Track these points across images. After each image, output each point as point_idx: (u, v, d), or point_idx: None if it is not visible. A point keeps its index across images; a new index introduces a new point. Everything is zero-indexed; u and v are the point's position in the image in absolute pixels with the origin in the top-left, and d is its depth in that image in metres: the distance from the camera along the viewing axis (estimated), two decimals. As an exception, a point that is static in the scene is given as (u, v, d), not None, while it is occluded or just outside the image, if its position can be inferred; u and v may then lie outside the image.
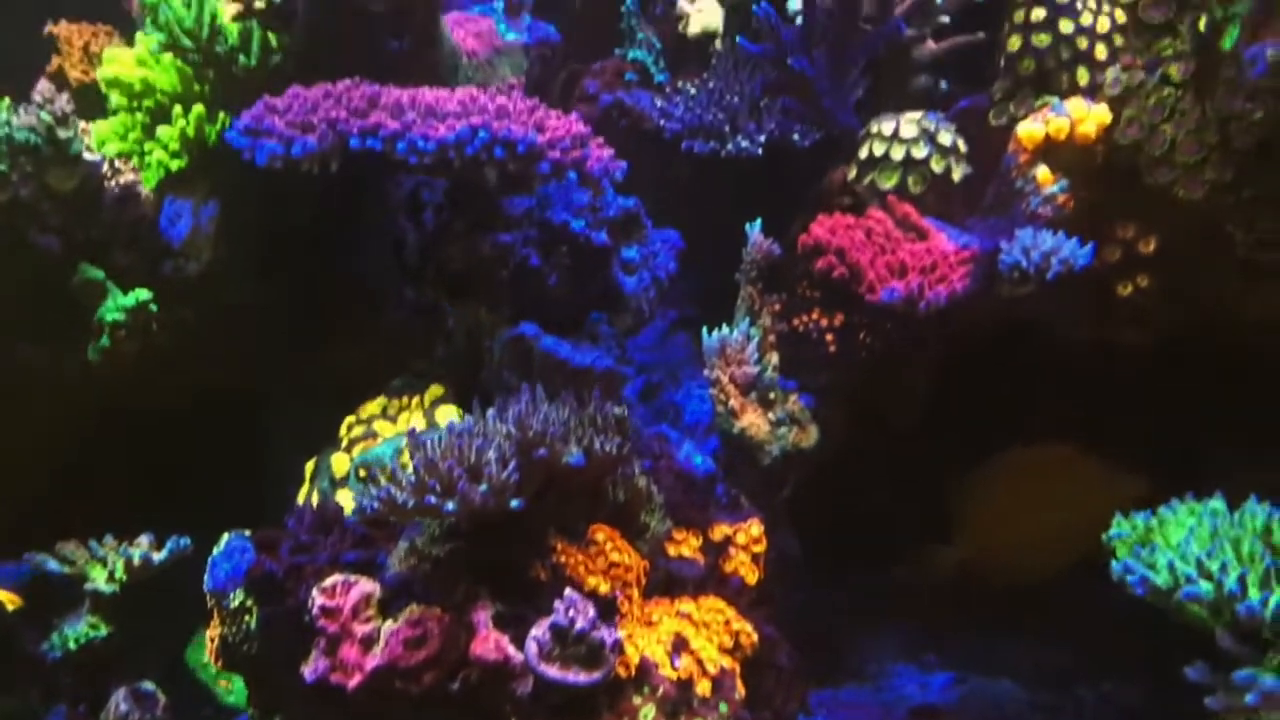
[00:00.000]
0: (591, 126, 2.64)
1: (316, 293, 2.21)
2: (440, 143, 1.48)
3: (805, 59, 2.05)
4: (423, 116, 1.52)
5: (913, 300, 1.73)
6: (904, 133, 2.01)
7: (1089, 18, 1.95)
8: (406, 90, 1.62)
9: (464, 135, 1.49)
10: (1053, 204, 1.88)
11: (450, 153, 1.48)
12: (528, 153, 1.52)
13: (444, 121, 1.51)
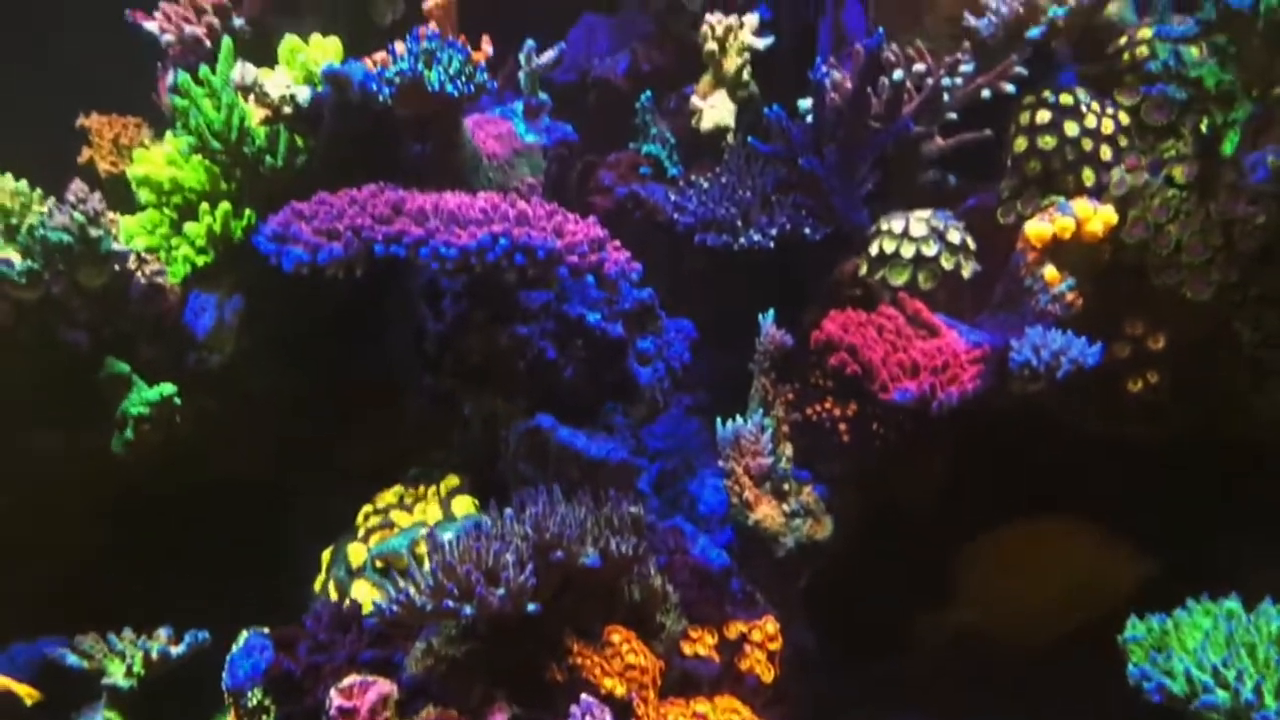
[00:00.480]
0: (607, 217, 2.74)
1: (336, 380, 2.24)
2: (462, 249, 1.52)
3: (815, 159, 2.10)
4: (446, 223, 1.56)
5: (925, 400, 1.75)
6: (914, 231, 2.05)
7: (1093, 120, 2.00)
8: (430, 196, 1.67)
9: (485, 242, 1.53)
10: (1061, 302, 1.91)
11: (472, 259, 1.53)
12: (547, 258, 1.56)
13: (466, 228, 1.55)
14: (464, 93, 1.77)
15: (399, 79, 1.75)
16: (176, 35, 2.42)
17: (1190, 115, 1.91)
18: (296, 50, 1.99)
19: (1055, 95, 2.03)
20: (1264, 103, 1.72)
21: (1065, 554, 2.06)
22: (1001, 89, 2.23)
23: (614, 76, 3.08)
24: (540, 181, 2.07)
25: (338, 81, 1.85)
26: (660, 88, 2.92)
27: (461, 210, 1.59)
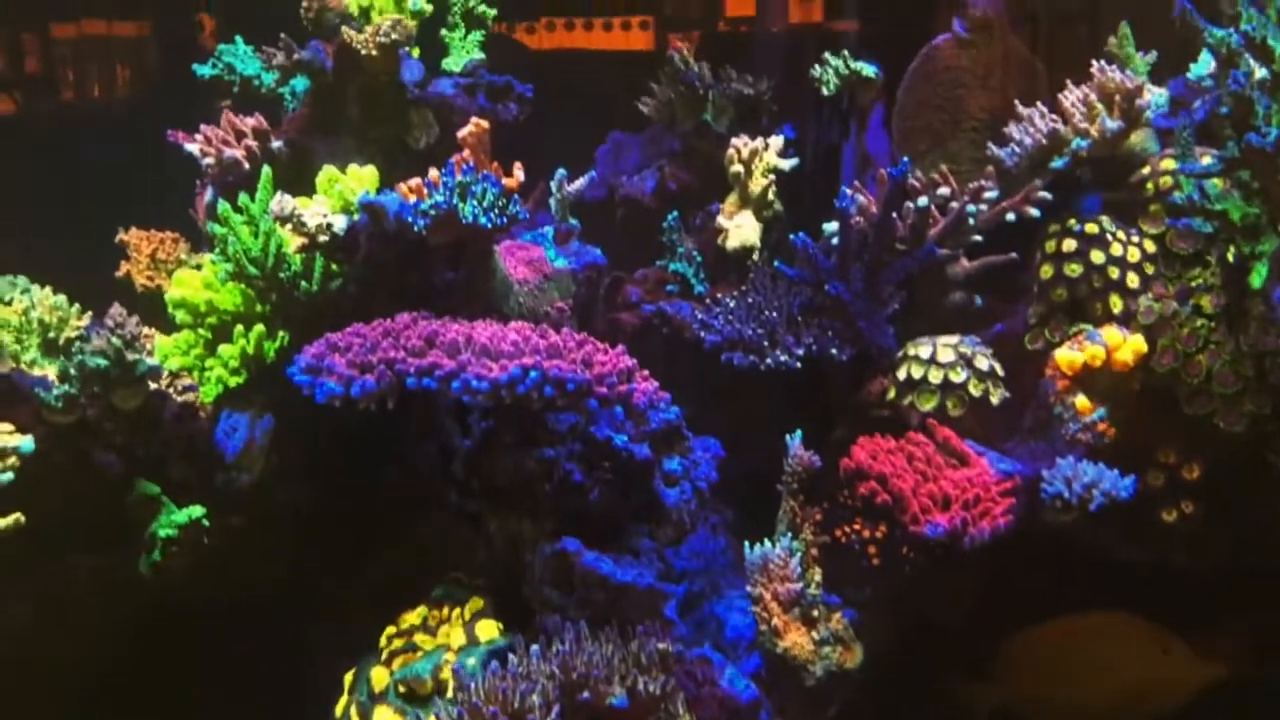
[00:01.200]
0: (634, 333, 2.77)
1: (361, 496, 2.25)
2: (494, 383, 1.53)
3: (841, 284, 2.12)
4: (477, 356, 1.58)
5: (957, 535, 1.73)
6: (941, 357, 2.05)
7: (1119, 248, 2.02)
8: (463, 326, 1.69)
9: (516, 375, 1.54)
10: (1092, 431, 1.90)
11: (503, 392, 1.54)
12: (576, 390, 1.57)
13: (498, 361, 1.57)
14: (497, 225, 1.81)
15: (434, 211, 1.79)
16: (216, 158, 2.49)
17: (1217, 244, 1.92)
18: (334, 180, 2.04)
19: (1081, 224, 2.05)
20: (1290, 237, 1.73)
21: (1119, 651, 1.99)
22: (1026, 213, 2.26)
23: (641, 195, 3.14)
24: (569, 305, 2.09)
25: (374, 212, 1.90)
26: (686, 205, 2.97)
27: (494, 342, 1.60)
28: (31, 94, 3.40)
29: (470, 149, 2.23)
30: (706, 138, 3.04)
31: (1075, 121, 2.06)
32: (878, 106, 2.90)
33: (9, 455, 1.52)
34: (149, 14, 3.42)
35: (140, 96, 3.43)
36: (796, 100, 2.99)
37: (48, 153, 3.28)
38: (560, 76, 3.57)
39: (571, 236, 2.24)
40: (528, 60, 3.45)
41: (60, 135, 3.37)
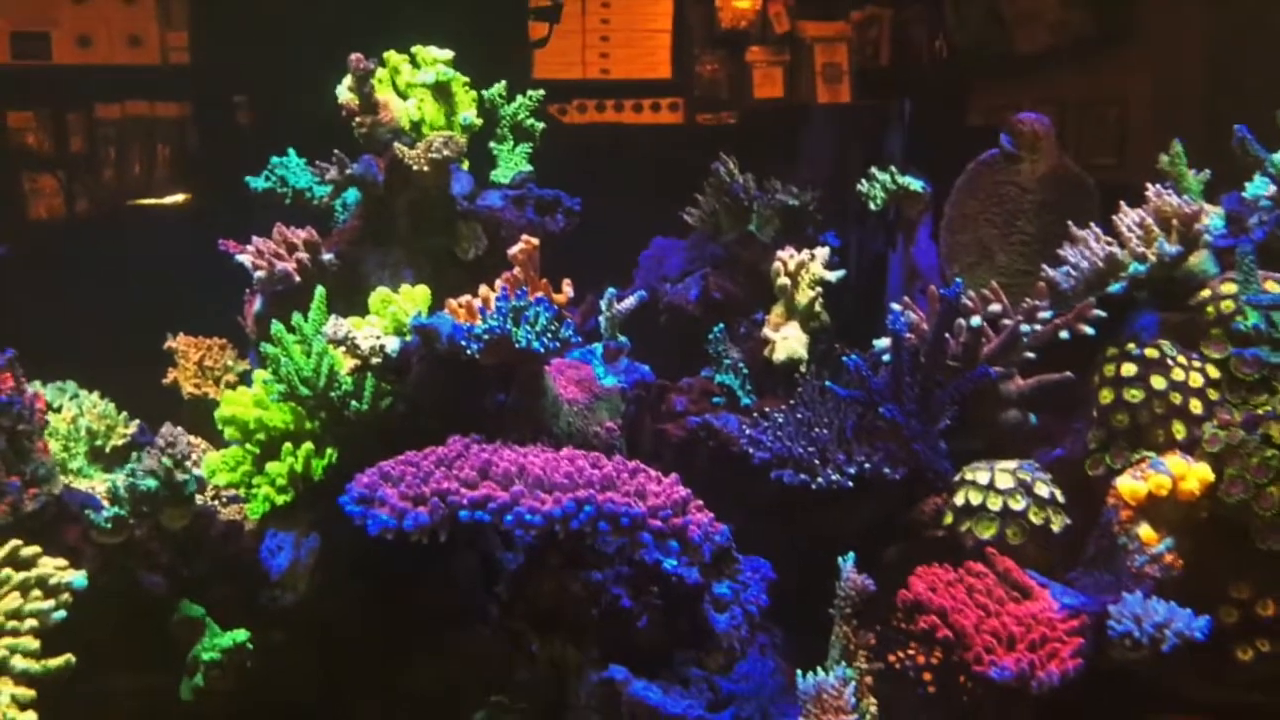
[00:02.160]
0: (680, 446, 2.73)
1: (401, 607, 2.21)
2: (547, 516, 1.51)
3: (895, 407, 2.09)
4: (531, 488, 1.56)
5: (1024, 679, 1.67)
6: (1000, 483, 2.01)
7: (1180, 373, 1.97)
8: (516, 455, 1.67)
9: (570, 509, 1.52)
10: (1159, 563, 1.84)
11: (556, 526, 1.51)
12: (631, 525, 1.54)
13: (551, 494, 1.54)
14: (550, 349, 1.80)
15: (488, 336, 1.79)
16: (268, 272, 2.52)
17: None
18: (388, 301, 2.05)
19: (1140, 348, 2.01)
20: (1364, 369, 1.68)
21: None
22: (1080, 331, 2.23)
23: (686, 303, 3.13)
24: (619, 424, 2.07)
25: (426, 334, 1.90)
26: (731, 314, 2.96)
27: (547, 473, 1.58)
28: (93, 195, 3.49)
29: (520, 266, 2.24)
30: (751, 247, 3.05)
31: (1132, 245, 2.04)
32: (925, 219, 2.90)
33: (61, 592, 1.51)
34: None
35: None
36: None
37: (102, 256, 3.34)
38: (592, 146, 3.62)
39: (621, 354, 2.23)
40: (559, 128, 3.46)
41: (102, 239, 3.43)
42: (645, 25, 3.97)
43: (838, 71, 3.90)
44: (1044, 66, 3.48)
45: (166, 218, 3.55)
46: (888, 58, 3.91)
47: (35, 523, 1.76)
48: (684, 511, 1.62)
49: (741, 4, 3.94)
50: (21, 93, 3.39)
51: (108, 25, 3.40)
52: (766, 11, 3.96)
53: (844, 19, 3.92)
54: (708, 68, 4.00)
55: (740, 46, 3.97)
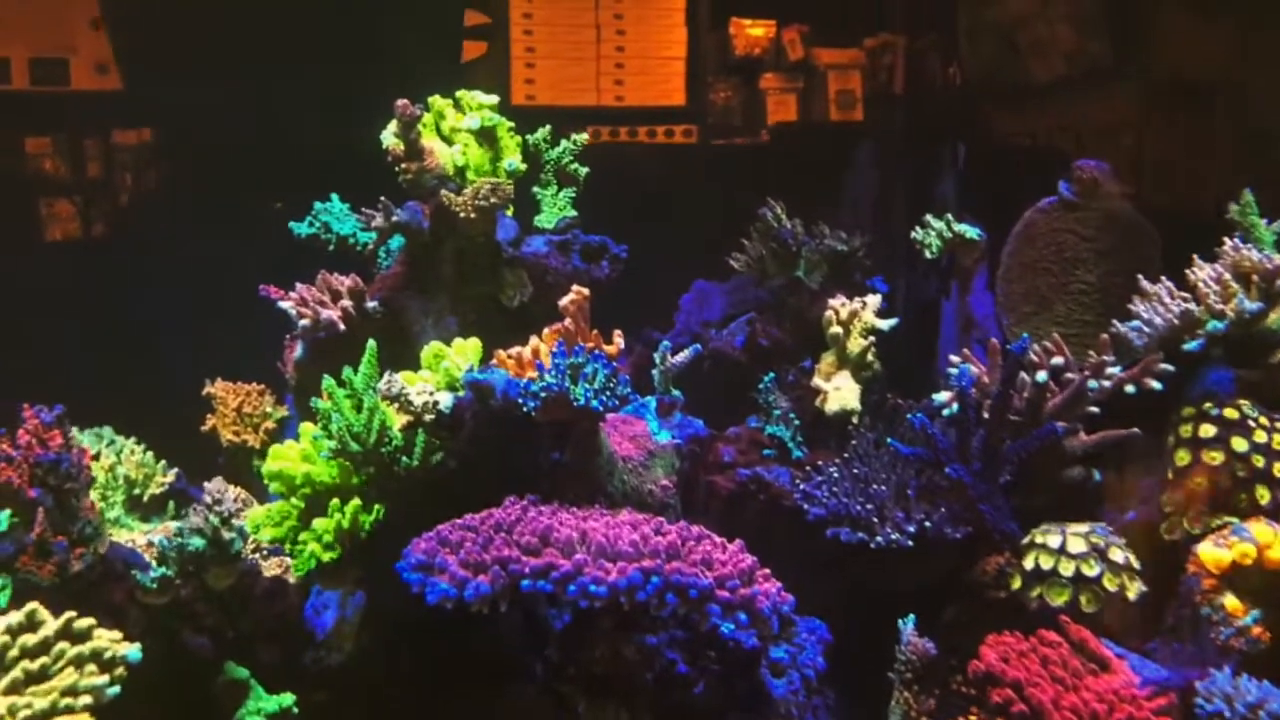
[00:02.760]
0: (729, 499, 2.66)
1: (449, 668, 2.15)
2: (612, 588, 1.44)
3: (962, 467, 2.01)
4: (594, 556, 1.50)
5: (1114, 764, 1.58)
6: (1072, 547, 1.93)
7: (1263, 435, 1.90)
8: (577, 519, 1.62)
9: (636, 581, 1.46)
10: (1246, 636, 1.75)
11: (622, 598, 1.45)
12: (700, 597, 1.47)
13: (615, 562, 1.48)
14: (608, 407, 1.75)
15: (545, 394, 1.74)
16: (313, 320, 2.48)
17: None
18: (441, 356, 2.00)
19: (1219, 408, 1.93)
20: None
21: None
22: (1147, 385, 2.15)
23: (731, 350, 3.08)
24: (674, 481, 2.01)
25: (480, 390, 1.85)
26: (778, 361, 2.91)
27: (610, 541, 1.52)
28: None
29: (571, 317, 2.19)
30: (798, 293, 3.00)
31: (1209, 302, 1.97)
32: (981, 268, 2.83)
33: (116, 665, 1.45)
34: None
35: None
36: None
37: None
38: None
39: (675, 408, 2.17)
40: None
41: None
42: (660, 52, 3.97)
43: (851, 99, 3.88)
44: (1058, 95, 3.43)
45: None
46: (901, 85, 3.89)
47: (81, 583, 1.72)
48: (751, 581, 1.56)
49: (755, 31, 3.93)
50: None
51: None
52: (780, 39, 3.95)
53: (858, 46, 3.90)
54: (722, 94, 3.98)
55: (754, 74, 3.95)
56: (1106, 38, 3.28)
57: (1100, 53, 3.26)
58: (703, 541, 1.60)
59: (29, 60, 3.32)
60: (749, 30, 3.96)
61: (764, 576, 1.60)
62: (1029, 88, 3.47)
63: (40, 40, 3.32)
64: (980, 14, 3.63)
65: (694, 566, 1.51)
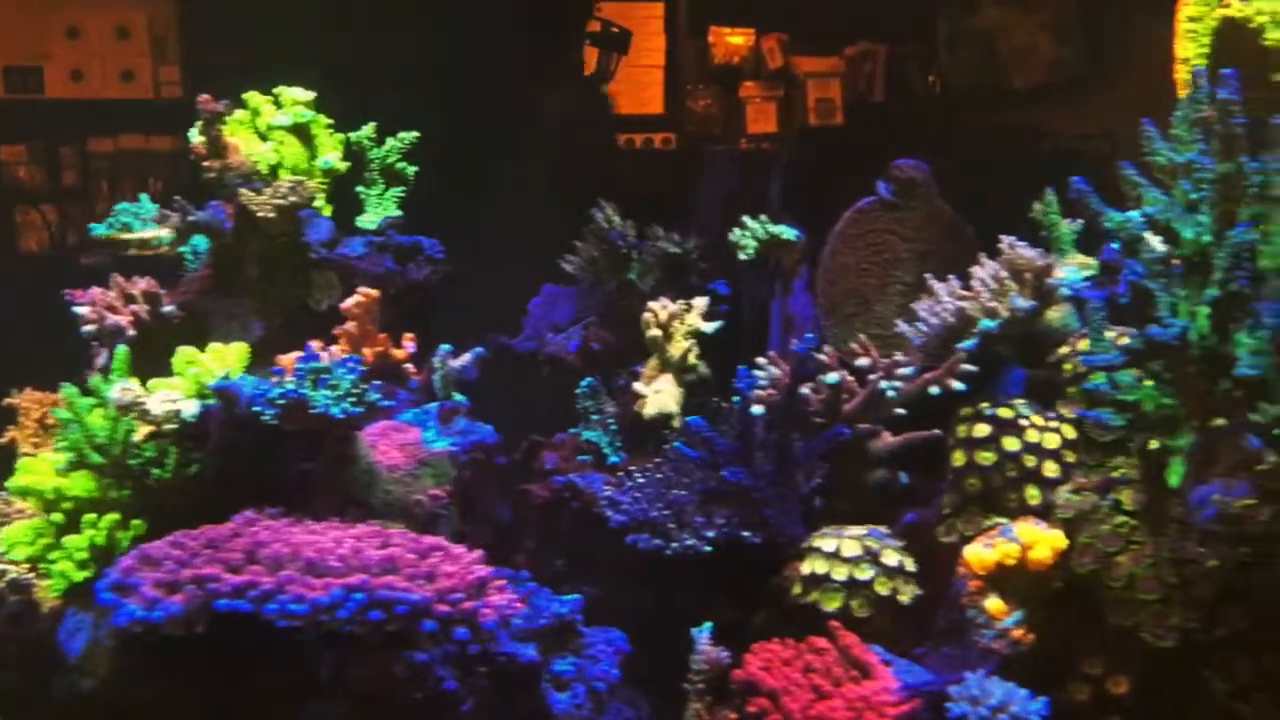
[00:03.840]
0: (544, 507, 2.60)
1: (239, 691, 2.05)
2: (313, 605, 1.37)
3: (742, 470, 1.97)
4: (302, 572, 1.42)
5: (839, 774, 1.54)
6: (846, 551, 1.90)
7: (1035, 434, 1.88)
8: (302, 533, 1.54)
9: (338, 598, 1.38)
10: (1007, 638, 1.73)
11: (323, 616, 1.37)
12: (409, 613, 1.40)
13: (322, 579, 1.41)
14: (351, 414, 1.67)
15: (283, 401, 1.66)
16: (98, 325, 2.37)
17: (1138, 432, 1.78)
18: (191, 361, 1.91)
19: (993, 408, 1.92)
20: (1205, 433, 1.59)
21: None
22: (950, 386, 2.13)
23: (565, 354, 3.03)
24: (447, 491, 1.93)
25: (226, 397, 1.76)
26: (611, 366, 2.85)
27: (323, 556, 1.45)
28: None
29: (355, 320, 2.11)
30: (630, 296, 2.94)
31: (983, 300, 1.95)
32: (802, 270, 2.81)
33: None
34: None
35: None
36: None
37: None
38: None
39: (456, 415, 2.10)
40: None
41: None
42: (639, 60, 3.93)
43: (831, 107, 3.85)
44: (1037, 102, 3.47)
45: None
46: (882, 93, 3.87)
47: None
48: (481, 593, 1.49)
49: (735, 39, 3.89)
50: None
51: (101, 60, 3.38)
52: (760, 47, 3.91)
53: (837, 54, 3.88)
54: (701, 103, 3.94)
55: (734, 82, 3.90)
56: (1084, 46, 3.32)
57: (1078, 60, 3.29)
58: (432, 555, 1.53)
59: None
60: (728, 38, 3.91)
61: (497, 589, 1.53)
62: (1010, 95, 3.48)
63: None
64: (961, 22, 3.65)
65: (410, 581, 1.44)
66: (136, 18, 3.34)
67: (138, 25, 3.35)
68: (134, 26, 3.35)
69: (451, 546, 1.58)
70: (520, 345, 3.18)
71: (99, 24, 3.32)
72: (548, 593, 2.11)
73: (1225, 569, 1.57)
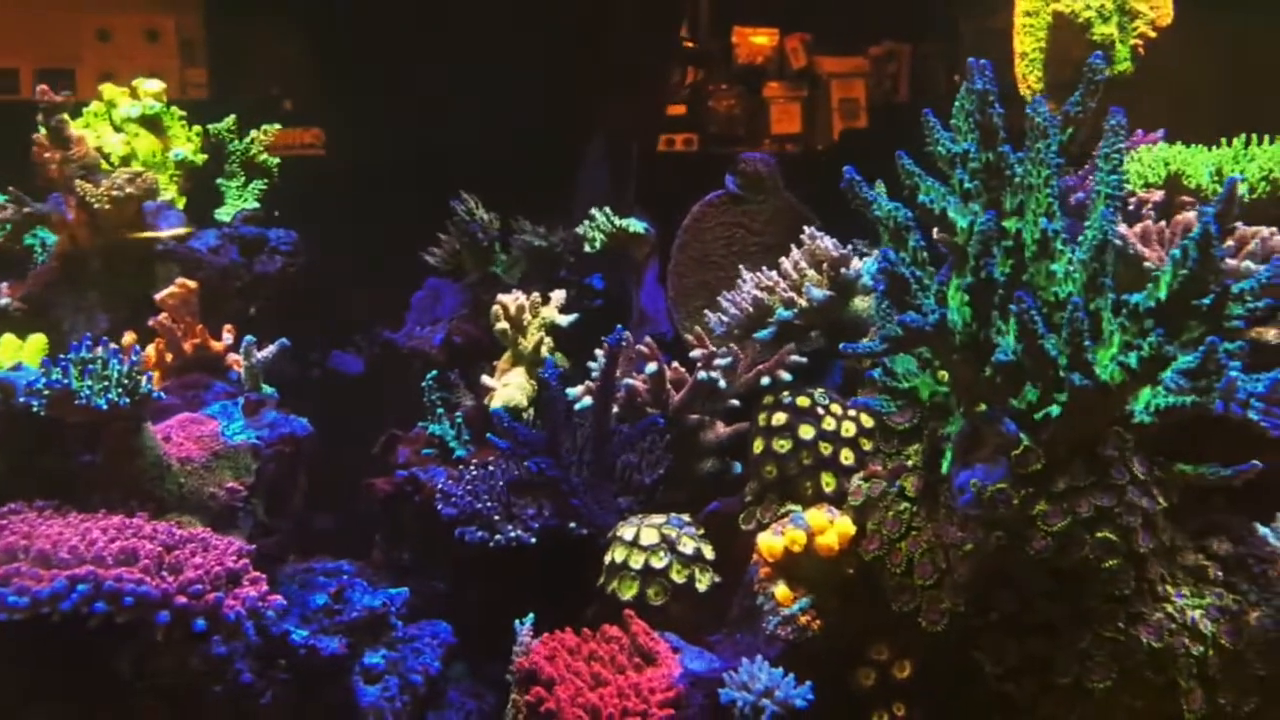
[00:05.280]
0: (387, 501, 2.59)
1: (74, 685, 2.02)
2: (34, 597, 1.35)
3: (548, 460, 1.97)
4: (34, 563, 1.40)
5: (585, 759, 1.54)
6: (644, 539, 1.90)
7: (832, 422, 1.89)
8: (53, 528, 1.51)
9: (59, 589, 1.36)
10: (793, 624, 1.74)
11: (45, 609, 1.35)
12: (136, 605, 1.38)
13: (50, 570, 1.39)
14: (118, 405, 1.65)
15: (48, 391, 1.64)
16: (-77, 320, 2.34)
17: (929, 421, 1.79)
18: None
19: (792, 396, 1.92)
20: (972, 419, 1.60)
21: None
22: (780, 377, 2.13)
23: (429, 348, 3.02)
24: (246, 484, 1.92)
25: (3, 389, 1.74)
26: (476, 359, 2.84)
27: (57, 547, 1.43)
28: None
29: (170, 311, 2.09)
30: (494, 290, 2.92)
31: (780, 290, 1.95)
32: (652, 263, 2.81)
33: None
34: None
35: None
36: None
37: None
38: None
39: (263, 407, 2.08)
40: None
41: None
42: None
43: (855, 107, 3.81)
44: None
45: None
46: (905, 93, 3.83)
47: None
48: (234, 585, 1.47)
49: (759, 39, 3.85)
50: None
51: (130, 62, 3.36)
52: (784, 47, 3.88)
53: (861, 54, 3.85)
54: (724, 104, 3.90)
55: (758, 82, 3.86)
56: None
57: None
58: (181, 548, 1.51)
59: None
60: (752, 38, 3.86)
61: (250, 580, 1.52)
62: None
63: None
64: (983, 21, 3.62)
65: (145, 573, 1.42)
66: (166, 22, 3.38)
67: (167, 29, 3.38)
68: (163, 30, 3.38)
69: (213, 538, 1.56)
70: (404, 341, 3.17)
71: (128, 27, 3.35)
72: (363, 585, 2.10)
73: (984, 553, 1.58)
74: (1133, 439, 1.57)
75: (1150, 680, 1.52)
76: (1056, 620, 1.57)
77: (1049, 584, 1.57)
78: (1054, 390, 1.52)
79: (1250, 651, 1.54)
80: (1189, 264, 1.39)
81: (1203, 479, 1.57)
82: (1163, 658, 1.51)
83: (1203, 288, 1.41)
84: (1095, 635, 1.54)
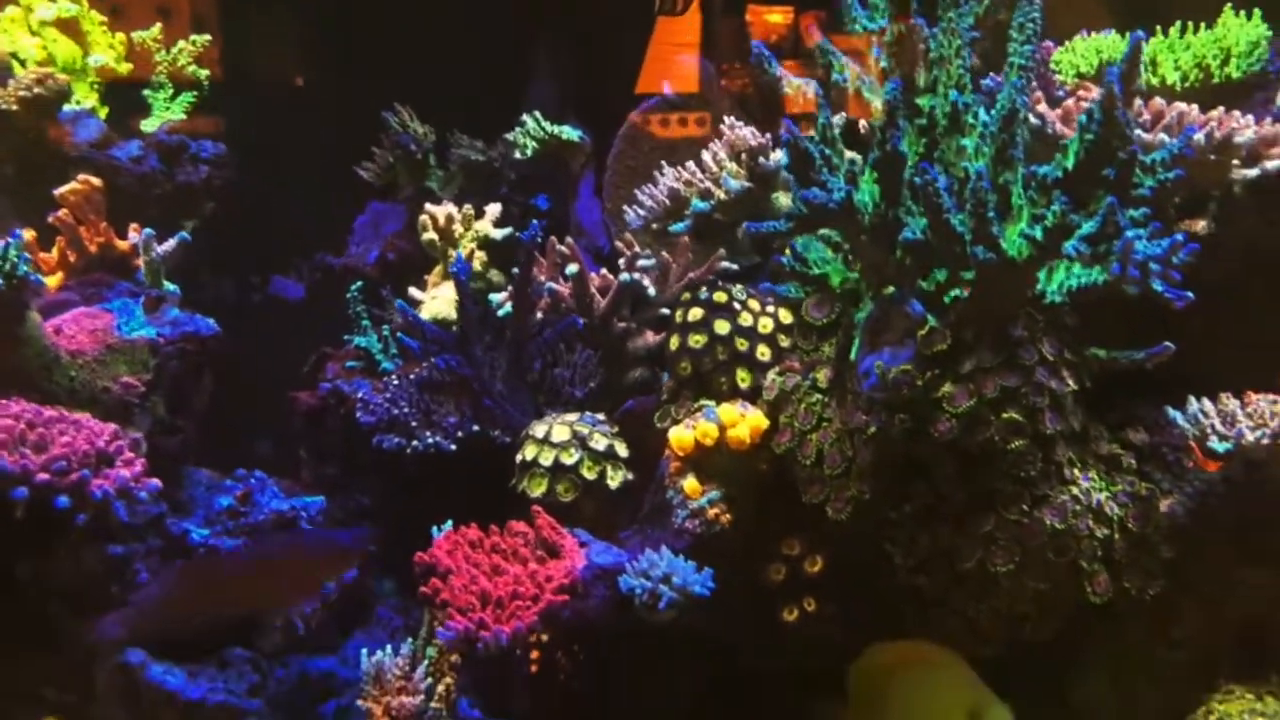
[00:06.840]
0: (311, 414, 2.53)
1: None
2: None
3: (457, 358, 1.91)
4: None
5: (470, 640, 1.50)
6: (555, 436, 1.85)
7: (749, 318, 1.84)
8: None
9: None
10: (701, 517, 1.69)
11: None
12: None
13: (-95, 443, 1.33)
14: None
15: (-83, 273, 1.57)
16: None
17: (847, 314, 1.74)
18: None
19: (709, 291, 1.87)
20: (880, 303, 1.55)
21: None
22: (710, 282, 2.08)
23: (363, 265, 2.96)
24: (144, 380, 1.85)
25: (-121, 272, 1.67)
26: (411, 275, 2.78)
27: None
28: None
29: (71, 208, 2.01)
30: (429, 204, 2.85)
31: (696, 181, 1.89)
32: (588, 173, 2.74)
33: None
34: None
35: None
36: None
37: None
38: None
39: (164, 304, 2.01)
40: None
41: None
42: (673, 39, 3.79)
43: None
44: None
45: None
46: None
47: None
48: (106, 464, 1.42)
49: (773, 18, 3.78)
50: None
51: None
52: (798, 25, 3.80)
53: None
54: (737, 83, 3.83)
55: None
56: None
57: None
58: (51, 426, 1.46)
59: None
60: (766, 17, 3.79)
61: (124, 462, 1.46)
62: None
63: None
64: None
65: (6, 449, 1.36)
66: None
67: (180, 5, 3.29)
68: (177, 7, 3.29)
69: (88, 421, 1.50)
70: (335, 262, 3.10)
71: (142, 3, 3.25)
72: (275, 491, 2.05)
73: (887, 437, 1.54)
74: (1044, 320, 1.52)
75: (1053, 563, 1.48)
76: (962, 507, 1.53)
77: (956, 469, 1.53)
78: (961, 269, 1.47)
79: (1157, 536, 1.51)
80: (1094, 127, 1.34)
81: (1115, 362, 1.52)
82: (1065, 539, 1.47)
83: (1109, 153, 1.35)
84: (999, 518, 1.50)
